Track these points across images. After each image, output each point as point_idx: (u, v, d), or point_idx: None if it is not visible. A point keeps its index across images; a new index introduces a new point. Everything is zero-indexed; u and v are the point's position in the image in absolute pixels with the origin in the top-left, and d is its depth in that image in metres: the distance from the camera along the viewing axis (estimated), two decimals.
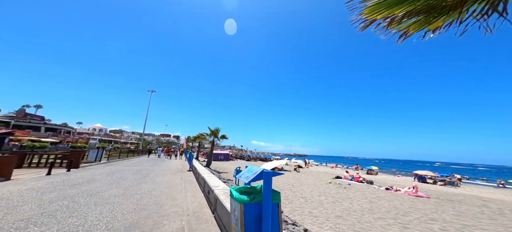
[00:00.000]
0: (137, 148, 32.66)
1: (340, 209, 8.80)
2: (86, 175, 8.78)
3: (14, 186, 5.97)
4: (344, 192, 13.42)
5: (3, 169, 6.65)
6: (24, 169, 9.74)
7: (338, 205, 9.51)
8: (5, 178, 6.70)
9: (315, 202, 9.87)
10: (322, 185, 15.57)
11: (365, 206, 9.63)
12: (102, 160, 15.00)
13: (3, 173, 6.67)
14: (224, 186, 5.10)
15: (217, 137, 18.42)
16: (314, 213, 7.92)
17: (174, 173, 11.70)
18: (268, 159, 52.00)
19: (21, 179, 7.11)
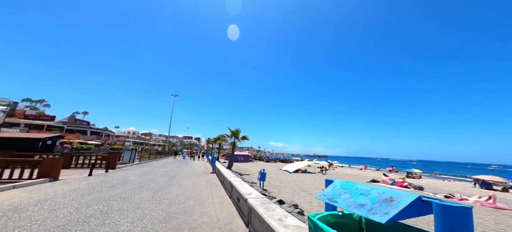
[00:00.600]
0: (164, 150, 34.69)
1: None
2: (121, 176, 9.18)
3: (60, 186, 6.37)
4: None
5: (51, 170, 7.21)
6: (71, 169, 10.74)
7: None
8: (53, 179, 7.26)
9: None
10: None
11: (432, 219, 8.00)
12: (135, 161, 16.00)
13: (52, 173, 7.23)
14: (257, 194, 4.50)
15: (237, 138, 18.15)
16: None
17: (199, 175, 11.67)
18: (288, 160, 50.31)
19: (67, 180, 7.67)
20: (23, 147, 11.21)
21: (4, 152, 9.41)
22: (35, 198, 4.86)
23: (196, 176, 11.01)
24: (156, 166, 15.53)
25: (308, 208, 8.20)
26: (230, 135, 18.72)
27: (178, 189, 7.18)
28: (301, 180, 16.78)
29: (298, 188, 12.97)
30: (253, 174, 18.00)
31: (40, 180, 6.80)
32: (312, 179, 18.13)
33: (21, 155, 9.88)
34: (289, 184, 14.49)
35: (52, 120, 40.94)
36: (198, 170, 14.25)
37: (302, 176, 19.67)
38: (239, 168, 23.81)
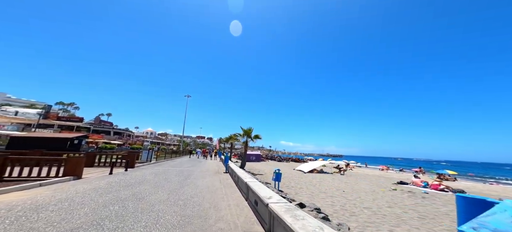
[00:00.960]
0: (178, 149, 35.74)
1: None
2: (138, 176, 9.31)
3: (82, 185, 6.52)
4: (430, 205, 9.93)
5: (75, 169, 7.45)
6: (94, 167, 11.25)
7: (438, 225, 6.82)
8: (77, 177, 7.51)
9: (390, 216, 7.61)
10: (384, 192, 12.68)
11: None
12: (152, 161, 16.47)
13: (76, 172, 7.47)
14: (278, 197, 4.01)
15: (250, 137, 17.81)
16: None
17: (212, 175, 11.53)
18: (301, 160, 48.92)
19: (89, 178, 7.91)
20: (53, 146, 12.06)
21: (35, 151, 10.11)
22: (57, 197, 4.92)
23: (209, 176, 10.86)
24: (171, 165, 15.81)
25: (331, 211, 7.51)
26: (242, 134, 18.45)
27: (193, 190, 6.98)
28: (318, 181, 15.91)
29: (316, 189, 12.21)
30: (267, 174, 17.53)
31: (65, 178, 7.04)
32: (329, 180, 17.12)
33: (50, 153, 10.54)
34: (306, 185, 13.75)
35: (80, 122, 44.57)
36: (211, 170, 14.18)
37: (318, 177, 18.71)
38: (252, 168, 23.52)
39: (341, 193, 11.57)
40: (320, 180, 16.64)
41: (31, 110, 47.90)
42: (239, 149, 72.04)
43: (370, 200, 10.18)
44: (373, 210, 8.27)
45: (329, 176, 20.05)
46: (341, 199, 9.98)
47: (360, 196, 10.89)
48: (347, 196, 10.82)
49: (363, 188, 14.04)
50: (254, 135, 18.08)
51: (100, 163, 11.86)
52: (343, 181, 16.97)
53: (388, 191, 13.35)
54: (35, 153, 10.08)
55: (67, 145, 12.97)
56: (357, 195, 11.18)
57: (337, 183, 15.60)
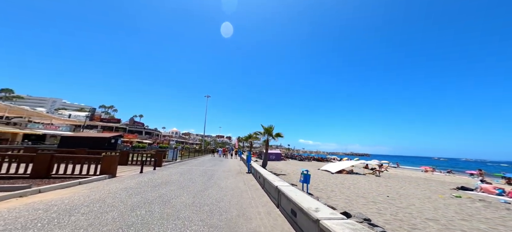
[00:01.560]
0: (200, 148, 37.09)
1: None
2: (165, 175, 9.44)
3: (115, 184, 6.70)
4: None
5: (110, 167, 7.77)
6: (128, 165, 11.96)
7: None
8: (112, 175, 7.84)
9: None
10: (445, 200, 10.56)
11: None
12: (177, 159, 17.06)
13: (110, 170, 7.80)
14: (329, 210, 3.19)
15: (271, 136, 17.06)
16: None
17: (235, 175, 11.17)
18: (323, 158, 46.01)
19: (122, 177, 8.23)
20: (94, 145, 13.32)
21: (80, 149, 11.16)
22: (91, 197, 4.98)
23: (232, 177, 10.51)
24: (195, 164, 16.08)
25: (381, 222, 6.28)
26: (263, 133, 17.82)
27: (217, 193, 6.59)
28: (351, 183, 14.25)
29: (351, 193, 10.75)
30: (290, 175, 16.54)
31: (101, 176, 7.38)
32: (364, 182, 15.17)
33: (91, 152, 11.52)
34: (338, 187, 12.32)
35: (118, 123, 49.99)
36: (233, 170, 13.91)
37: (350, 178, 16.80)
38: (273, 167, 22.72)
39: (386, 198, 9.93)
40: (353, 182, 14.88)
41: (81, 113, 55.72)
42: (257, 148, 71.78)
43: (430, 209, 8.42)
44: (442, 223, 6.65)
45: (362, 177, 17.92)
46: (388, 206, 8.47)
47: (413, 204, 9.15)
48: (395, 202, 9.19)
49: (412, 193, 11.98)
50: (275, 133, 17.28)
51: (132, 162, 12.59)
52: (381, 184, 14.89)
53: (450, 198, 11.10)
54: (80, 151, 11.13)
55: (106, 144, 14.21)
56: (408, 202, 9.45)
57: (375, 186, 13.70)
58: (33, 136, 23.64)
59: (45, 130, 24.14)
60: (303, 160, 41.96)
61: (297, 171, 19.24)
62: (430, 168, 34.66)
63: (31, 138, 23.50)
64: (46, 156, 6.90)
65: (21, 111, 25.49)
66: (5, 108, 22.66)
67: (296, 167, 24.14)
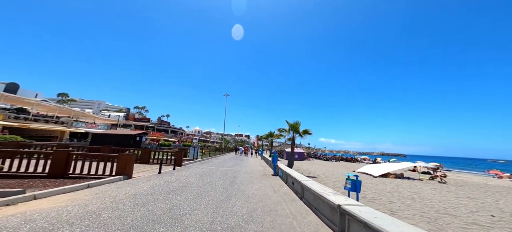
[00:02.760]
0: (221, 147, 36.84)
1: None
2: (183, 177, 8.41)
3: (125, 188, 5.76)
4: None
5: (125, 167, 6.97)
6: (149, 164, 11.47)
7: None
8: (127, 176, 7.03)
9: None
10: None
11: None
12: (198, 158, 16.37)
13: (126, 170, 7.00)
14: None
15: (298, 133, 15.01)
16: None
17: (260, 178, 9.59)
18: (353, 159, 41.23)
19: (137, 178, 7.40)
20: (121, 142, 13.40)
21: (105, 147, 11.05)
22: (87, 209, 3.95)
23: (257, 180, 8.95)
24: (215, 164, 15.09)
25: None
26: (287, 129, 15.87)
27: (243, 205, 5.07)
28: (412, 192, 11.07)
29: (424, 207, 7.72)
30: (321, 177, 14.16)
31: (115, 177, 6.59)
32: (429, 191, 11.65)
33: (117, 149, 11.32)
34: (395, 197, 9.52)
35: (148, 122, 53.79)
36: (256, 171, 12.39)
37: (405, 185, 13.50)
38: (298, 168, 20.45)
39: (490, 218, 6.99)
40: (413, 190, 11.64)
41: (119, 114, 61.99)
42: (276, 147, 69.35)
43: None
44: None
45: (420, 184, 14.31)
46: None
47: None
48: None
49: None
50: (302, 130, 15.16)
51: (154, 160, 12.12)
52: (459, 194, 11.39)
53: None
54: (104, 149, 11.01)
55: (131, 142, 14.26)
56: None
57: (453, 197, 10.40)
58: (78, 134, 26.22)
59: (87, 129, 26.60)
60: (329, 160, 38.21)
61: (328, 173, 16.69)
62: (504, 174, 27.07)
63: (77, 135, 26.10)
64: (62, 154, 6.37)
65: (69, 112, 28.73)
66: (55, 109, 25.72)
67: (325, 168, 21.42)
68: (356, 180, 6.83)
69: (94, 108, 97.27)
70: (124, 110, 63.45)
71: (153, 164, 11.59)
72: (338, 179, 13.76)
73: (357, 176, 6.95)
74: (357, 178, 6.87)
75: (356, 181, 6.82)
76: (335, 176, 15.67)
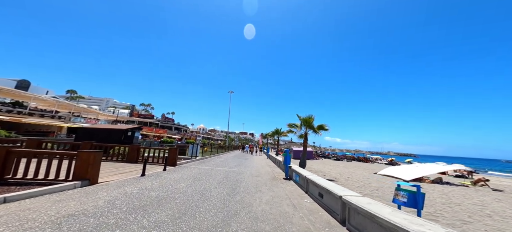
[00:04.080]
0: (224, 144, 34.98)
1: None
2: (170, 182, 6.37)
3: (69, 203, 3.75)
4: None
5: (87, 169, 4.97)
6: (138, 163, 9.57)
7: None
8: (88, 181, 5.03)
9: None
10: None
11: None
12: (197, 156, 14.40)
13: (87, 174, 5.00)
14: None
15: (312, 129, 12.69)
16: None
17: (269, 183, 7.43)
18: (366, 158, 38.26)
19: (104, 184, 5.41)
20: (109, 137, 11.62)
21: (86, 143, 9.23)
22: None
23: (267, 187, 6.80)
24: (216, 163, 13.07)
25: None
26: (299, 125, 13.54)
27: (249, 225, 2.92)
28: (474, 202, 8.44)
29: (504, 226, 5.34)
30: (339, 180, 11.73)
31: (68, 184, 4.61)
32: (490, 199, 8.97)
33: (99, 146, 9.47)
34: (467, 213, 6.72)
35: (152, 118, 52.79)
36: (263, 172, 10.25)
37: (454, 193, 10.88)
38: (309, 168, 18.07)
39: None
40: (474, 200, 8.84)
41: (125, 110, 61.59)
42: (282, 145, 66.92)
43: None
44: None
45: (467, 190, 11.54)
46: None
47: None
48: None
49: None
50: (317, 125, 12.80)
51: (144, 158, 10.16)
52: None
53: None
54: (85, 145, 9.18)
55: (122, 137, 12.46)
56: None
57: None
58: (77, 129, 24.94)
59: (86, 124, 25.34)
60: (339, 160, 35.46)
61: (346, 174, 14.17)
62: None
63: (76, 131, 24.84)
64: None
65: (69, 107, 27.63)
66: (55, 104, 24.58)
67: (339, 169, 18.96)
68: (418, 193, 4.47)
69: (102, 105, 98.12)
70: (129, 107, 62.95)
71: (141, 163, 9.67)
72: (364, 184, 11.35)
73: (419, 188, 4.58)
74: (419, 190, 4.51)
75: (417, 194, 4.46)
76: (356, 179, 13.27)
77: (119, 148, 9.75)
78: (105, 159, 9.47)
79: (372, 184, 11.35)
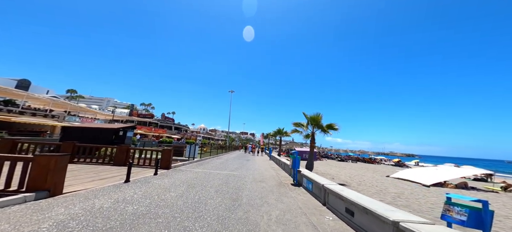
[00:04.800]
0: (225, 144, 33.87)
1: None
2: (157, 191, 5.22)
3: (24, 219, 2.60)
4: None
5: (45, 176, 3.85)
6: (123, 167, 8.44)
7: None
8: (47, 193, 3.89)
9: None
10: None
11: None
12: (195, 157, 13.26)
13: (46, 183, 3.87)
14: None
15: (321, 128, 11.49)
16: None
17: (276, 190, 6.27)
18: (371, 159, 36.93)
19: (75, 194, 4.28)
20: (98, 138, 10.54)
21: (67, 143, 8.12)
22: None
23: (273, 195, 5.65)
24: (215, 165, 11.92)
25: None
26: (305, 124, 12.36)
27: None
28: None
29: None
30: (351, 184, 10.50)
31: (13, 198, 3.46)
32: None
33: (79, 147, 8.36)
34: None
35: (151, 118, 51.80)
36: (268, 177, 9.09)
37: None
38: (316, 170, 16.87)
39: None
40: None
41: (125, 110, 60.74)
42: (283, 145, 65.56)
43: None
44: None
45: (495, 197, 10.30)
46: None
47: None
48: None
49: None
50: (326, 124, 11.60)
51: (135, 160, 9.05)
52: None
53: None
54: (67, 146, 8.08)
55: (113, 137, 11.36)
56: None
57: None
58: (64, 128, 23.91)
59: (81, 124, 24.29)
60: (344, 161, 34.15)
61: (356, 177, 12.80)
62: None
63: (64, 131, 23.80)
64: None
65: (65, 106, 26.64)
66: (49, 102, 23.60)
67: (347, 171, 17.69)
68: (485, 210, 3.26)
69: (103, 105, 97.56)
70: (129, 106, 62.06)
71: (134, 166, 8.53)
72: (380, 190, 10.10)
73: (486, 203, 3.37)
74: (487, 206, 3.29)
75: (484, 211, 3.25)
76: (369, 183, 12.04)
77: (105, 149, 8.63)
78: (90, 161, 8.36)
79: (389, 190, 10.13)
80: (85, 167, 7.58)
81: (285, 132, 28.94)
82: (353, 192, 4.18)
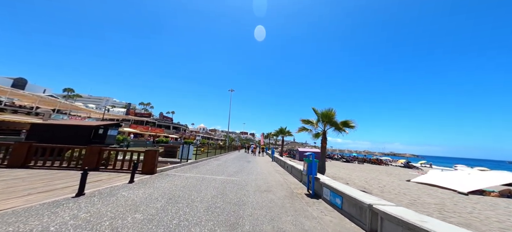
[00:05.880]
0: (224, 144, 32.17)
1: None
2: (119, 211, 3.47)
3: None
4: None
5: None
6: (100, 171, 6.74)
7: None
8: None
9: None
10: None
11: None
12: (188, 159, 11.52)
13: None
14: None
15: (335, 126, 9.79)
16: None
17: (289, 206, 4.52)
18: (379, 160, 35.20)
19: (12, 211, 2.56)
20: (72, 137, 8.86)
21: (22, 144, 6.41)
22: None
23: (286, 214, 3.90)
24: (211, 169, 10.17)
25: None
26: (315, 122, 10.66)
27: None
28: None
29: None
30: (373, 191, 8.75)
31: None
32: None
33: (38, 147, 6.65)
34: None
35: (149, 117, 50.07)
36: (274, 183, 7.36)
37: None
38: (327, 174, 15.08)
39: None
40: None
41: (122, 109, 59.11)
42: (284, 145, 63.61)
43: None
44: None
45: None
46: None
47: None
48: None
49: None
50: (341, 121, 9.90)
51: (110, 164, 7.32)
52: None
53: None
54: (21, 147, 6.37)
55: (90, 136, 9.65)
56: None
57: None
58: (31, 126, 22.19)
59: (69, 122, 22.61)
60: (350, 162, 32.39)
61: (373, 182, 10.93)
62: None
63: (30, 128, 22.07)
64: None
65: (54, 103, 24.97)
66: (36, 99, 21.94)
67: (359, 174, 15.93)
68: None
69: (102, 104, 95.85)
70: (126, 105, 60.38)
71: (108, 171, 6.83)
72: (413, 199, 8.17)
73: None
74: None
75: None
76: (392, 189, 10.27)
77: (71, 151, 6.90)
78: (52, 166, 6.65)
79: (423, 198, 8.35)
80: (41, 173, 5.88)
81: (288, 131, 27.28)
82: (432, 219, 2.43)
